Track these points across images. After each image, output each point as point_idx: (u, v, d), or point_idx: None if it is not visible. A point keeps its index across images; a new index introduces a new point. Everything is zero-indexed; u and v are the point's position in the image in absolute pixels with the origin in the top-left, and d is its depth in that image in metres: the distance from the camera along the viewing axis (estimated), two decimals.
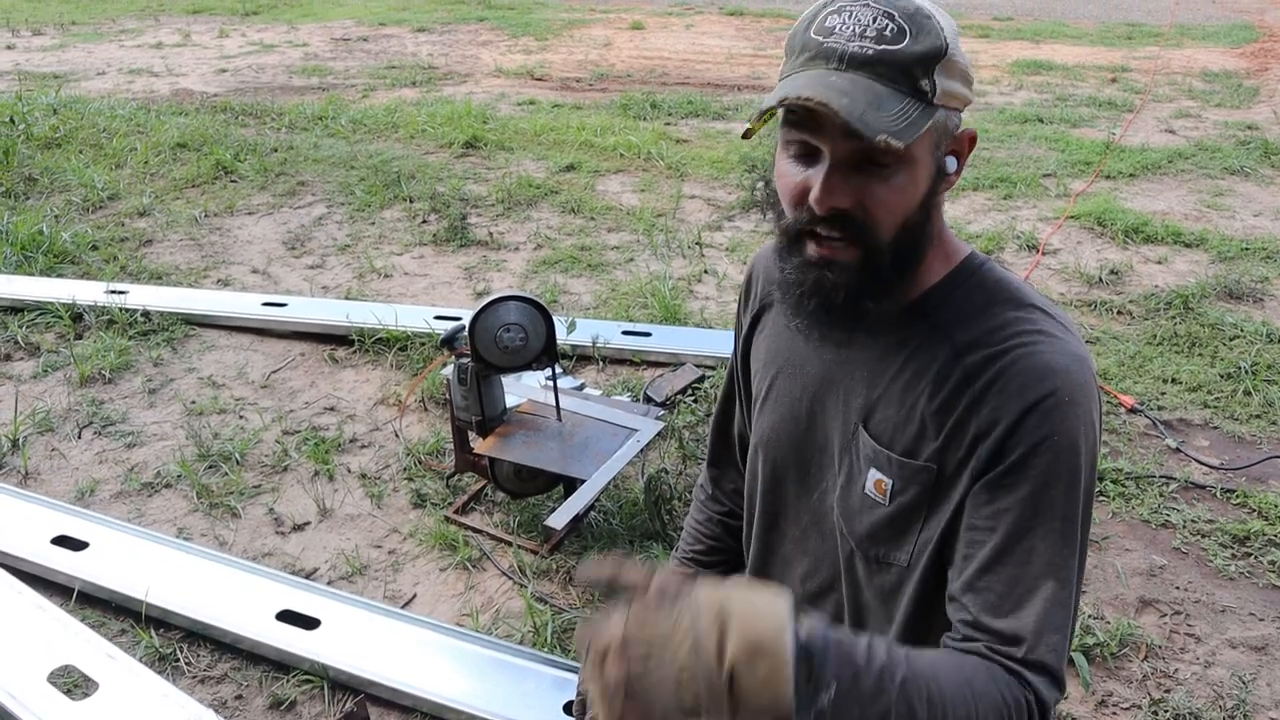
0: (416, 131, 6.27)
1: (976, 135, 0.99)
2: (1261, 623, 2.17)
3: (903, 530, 1.00)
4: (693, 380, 3.12)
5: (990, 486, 0.92)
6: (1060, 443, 0.90)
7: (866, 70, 0.86)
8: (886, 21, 0.87)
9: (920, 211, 0.93)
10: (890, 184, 0.89)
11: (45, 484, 2.66)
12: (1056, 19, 11.69)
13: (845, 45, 0.87)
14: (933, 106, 0.88)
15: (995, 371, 0.93)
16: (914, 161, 0.90)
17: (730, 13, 12.49)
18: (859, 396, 1.03)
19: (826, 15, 0.90)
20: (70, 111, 6.54)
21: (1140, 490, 2.62)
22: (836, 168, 0.89)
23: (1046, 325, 0.95)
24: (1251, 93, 7.58)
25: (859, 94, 0.85)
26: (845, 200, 0.89)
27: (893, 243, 0.92)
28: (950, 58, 0.89)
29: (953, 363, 0.96)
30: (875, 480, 1.01)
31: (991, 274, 1.00)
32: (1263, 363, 3.25)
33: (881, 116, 0.84)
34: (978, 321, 0.96)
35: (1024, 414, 0.90)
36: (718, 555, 1.37)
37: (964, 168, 0.98)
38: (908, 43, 0.87)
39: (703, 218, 4.81)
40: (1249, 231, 4.56)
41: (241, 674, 2.01)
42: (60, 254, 4.16)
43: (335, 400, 3.10)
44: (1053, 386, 0.91)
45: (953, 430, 0.95)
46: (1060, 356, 0.92)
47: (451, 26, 11.29)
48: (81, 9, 12.69)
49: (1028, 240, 4.42)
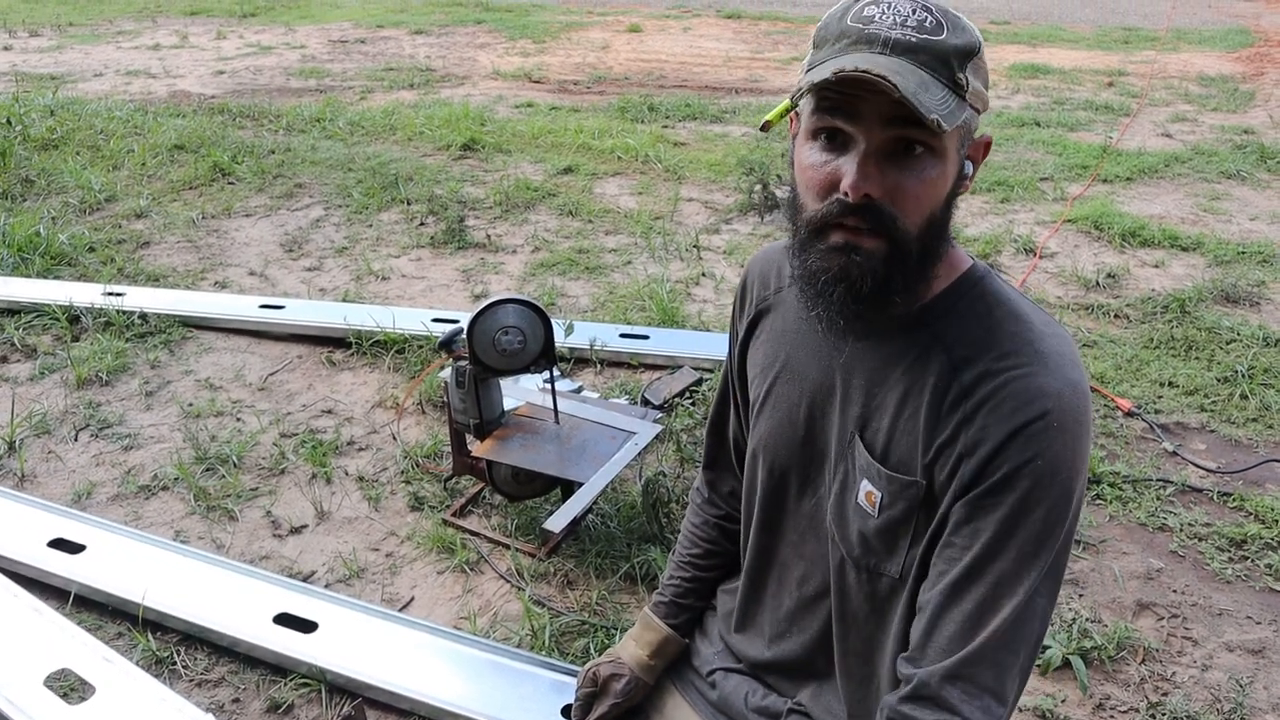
0: (414, 134, 6.27)
1: (991, 142, 0.99)
2: (1258, 626, 2.17)
3: (892, 543, 1.00)
4: (691, 383, 3.12)
5: (970, 505, 0.92)
6: (1043, 467, 0.89)
7: (910, 56, 0.86)
8: (925, 14, 0.88)
9: (944, 208, 0.93)
10: (921, 176, 0.89)
11: (42, 486, 2.66)
12: (1053, 23, 11.72)
13: (888, 32, 0.87)
14: (964, 101, 0.88)
15: (988, 390, 0.92)
16: (944, 156, 0.90)
17: (728, 15, 12.51)
18: (856, 405, 1.02)
19: (863, 6, 0.90)
20: (67, 113, 6.53)
21: (1138, 493, 2.62)
22: (870, 155, 0.88)
23: (1045, 346, 0.94)
24: (1247, 97, 7.60)
25: (909, 75, 0.84)
26: (878, 189, 0.88)
27: (919, 237, 0.91)
28: (980, 57, 0.90)
29: (949, 377, 0.95)
30: (866, 492, 1.00)
31: (992, 287, 1.00)
32: (1259, 366, 3.26)
33: (931, 98, 0.84)
34: (977, 336, 0.96)
35: (1011, 435, 0.90)
36: (714, 559, 1.37)
37: (976, 174, 0.98)
38: (947, 34, 0.87)
39: (700, 220, 4.81)
40: (1245, 235, 4.58)
41: (239, 677, 2.01)
42: (57, 256, 4.16)
43: (333, 403, 3.09)
44: (1043, 409, 0.90)
45: (942, 446, 0.94)
46: (1054, 381, 0.91)
47: (449, 29, 11.29)
48: (79, 10, 12.68)
49: (1025, 244, 4.43)
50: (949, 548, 0.94)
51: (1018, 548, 0.90)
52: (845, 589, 1.07)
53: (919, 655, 0.94)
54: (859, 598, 1.05)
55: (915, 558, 0.98)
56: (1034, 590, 0.90)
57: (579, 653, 2.05)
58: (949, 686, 0.90)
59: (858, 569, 1.04)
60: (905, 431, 0.98)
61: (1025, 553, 0.90)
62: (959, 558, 0.92)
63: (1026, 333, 0.95)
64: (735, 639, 1.25)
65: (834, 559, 1.08)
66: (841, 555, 1.06)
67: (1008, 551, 0.90)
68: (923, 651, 0.93)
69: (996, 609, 0.90)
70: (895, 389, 0.99)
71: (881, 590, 1.03)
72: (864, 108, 0.86)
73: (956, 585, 0.92)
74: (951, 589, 0.92)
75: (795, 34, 11.08)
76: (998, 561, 0.90)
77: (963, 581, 0.91)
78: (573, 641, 2.09)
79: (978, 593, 0.91)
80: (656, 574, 2.25)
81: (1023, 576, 0.90)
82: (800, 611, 1.14)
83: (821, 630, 1.12)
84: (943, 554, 0.94)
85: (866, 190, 0.88)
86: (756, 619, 1.22)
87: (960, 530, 0.93)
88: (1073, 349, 0.96)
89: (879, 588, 1.03)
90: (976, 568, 0.91)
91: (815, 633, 1.13)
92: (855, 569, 1.04)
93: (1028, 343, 0.94)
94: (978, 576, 0.91)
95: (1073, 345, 0.96)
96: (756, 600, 1.21)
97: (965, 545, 0.92)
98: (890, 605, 1.03)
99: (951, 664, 0.90)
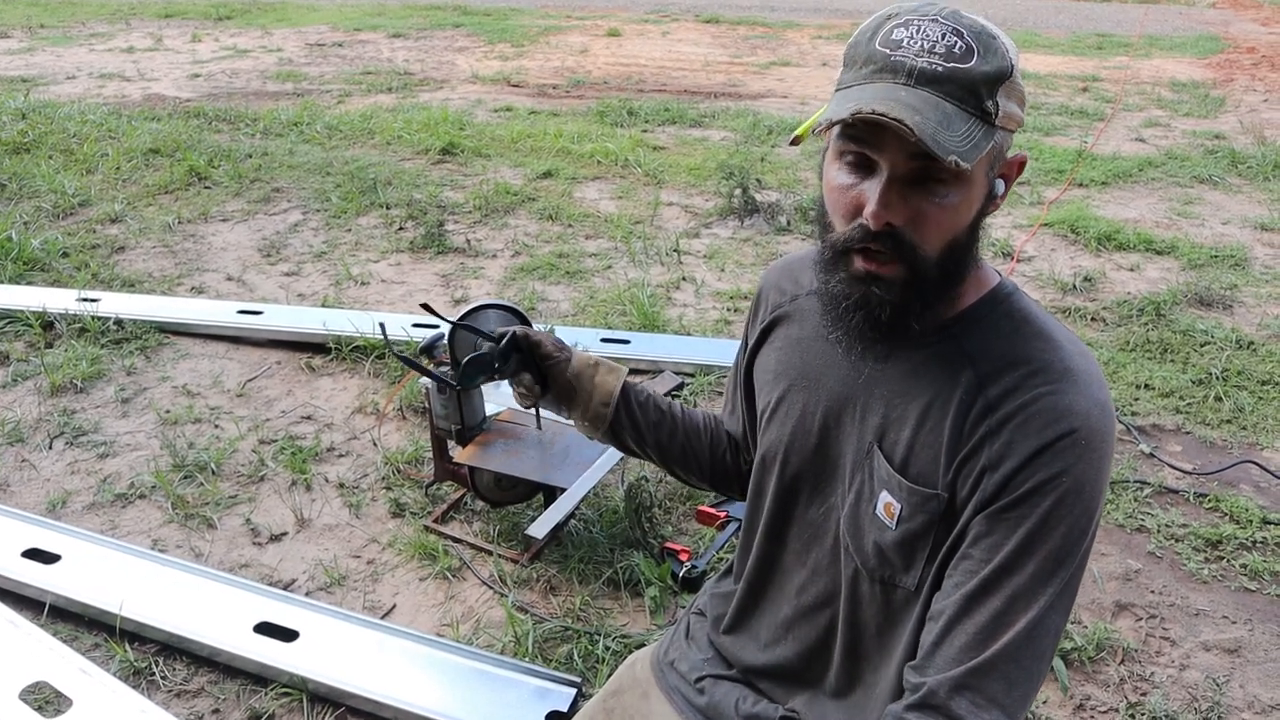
0: (393, 138, 6.24)
1: (1026, 160, 0.98)
2: (1234, 625, 2.20)
3: (910, 555, 0.99)
4: (673, 387, 3.12)
5: (991, 518, 0.92)
6: (1068, 485, 0.89)
7: (935, 88, 0.85)
8: (955, 39, 0.86)
9: (968, 233, 0.93)
10: (944, 204, 0.88)
11: (15, 496, 2.62)
12: (1028, 29, 11.85)
13: (914, 60, 0.86)
14: (994, 128, 0.87)
15: (1016, 406, 0.92)
16: (970, 182, 0.89)
17: (706, 20, 12.55)
18: (876, 415, 1.02)
19: (893, 28, 0.88)
20: (39, 116, 6.46)
21: (1115, 495, 2.65)
22: (894, 183, 0.87)
23: (1073, 364, 0.94)
24: (1218, 103, 7.71)
25: (930, 112, 0.83)
26: (899, 217, 0.88)
27: (939, 262, 0.91)
28: (1013, 80, 0.88)
29: (974, 392, 0.95)
30: (885, 503, 1.00)
31: (1019, 304, 1.00)
32: (1233, 369, 3.30)
33: (951, 136, 0.83)
34: (1004, 352, 0.95)
35: (1038, 451, 0.90)
36: (690, 432, 1.33)
37: (1009, 192, 0.97)
38: (976, 62, 0.86)
39: (680, 225, 4.82)
40: (1218, 239, 4.64)
41: (219, 687, 1.98)
42: (30, 261, 4.10)
43: (312, 409, 3.07)
44: (1071, 427, 0.90)
45: (965, 459, 0.94)
46: (1082, 400, 0.91)
47: (427, 32, 11.25)
48: (50, 12, 12.53)
49: (1002, 248, 4.47)
50: (966, 559, 0.93)
51: (1036, 563, 0.90)
52: (858, 599, 1.06)
53: (927, 664, 0.93)
54: (872, 609, 1.05)
55: (932, 571, 0.98)
56: (1049, 607, 0.90)
57: (562, 659, 2.04)
58: (957, 697, 0.89)
59: (872, 580, 1.03)
60: (927, 444, 0.97)
61: (1043, 569, 0.90)
62: (976, 570, 0.92)
63: (1054, 350, 0.95)
64: (726, 640, 1.24)
65: (847, 570, 1.07)
66: (855, 566, 1.05)
67: (1026, 566, 0.90)
68: (931, 660, 0.93)
69: (1011, 622, 0.89)
70: (918, 401, 0.98)
71: (896, 602, 1.02)
72: (886, 138, 0.86)
73: (972, 596, 0.91)
74: (966, 600, 0.92)
75: (773, 39, 11.13)
76: (1015, 576, 0.90)
77: (978, 593, 0.91)
78: (556, 648, 2.09)
79: (993, 605, 0.90)
80: (640, 579, 2.25)
81: (1039, 592, 0.90)
82: (798, 619, 1.13)
83: (819, 639, 1.12)
84: (960, 565, 0.94)
85: (888, 219, 0.88)
86: (751, 624, 1.21)
87: (979, 543, 0.92)
88: (1099, 369, 0.96)
89: (893, 599, 1.02)
90: (993, 580, 0.91)
91: (812, 641, 1.12)
92: (870, 580, 1.04)
93: (1056, 361, 0.94)
94: (994, 589, 0.90)
95: (1098, 365, 0.96)
96: (753, 605, 1.21)
97: (984, 558, 0.92)
98: (904, 616, 1.02)
99: (961, 674, 0.90)
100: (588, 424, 1.29)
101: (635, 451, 1.33)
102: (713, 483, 1.37)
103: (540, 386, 1.28)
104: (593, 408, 1.27)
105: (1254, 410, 3.08)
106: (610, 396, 1.27)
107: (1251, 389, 3.21)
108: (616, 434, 1.31)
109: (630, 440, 1.31)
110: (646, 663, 1.33)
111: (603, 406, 1.27)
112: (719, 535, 2.37)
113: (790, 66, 9.36)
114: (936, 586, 0.97)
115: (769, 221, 4.80)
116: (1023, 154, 0.97)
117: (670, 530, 2.48)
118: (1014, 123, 0.90)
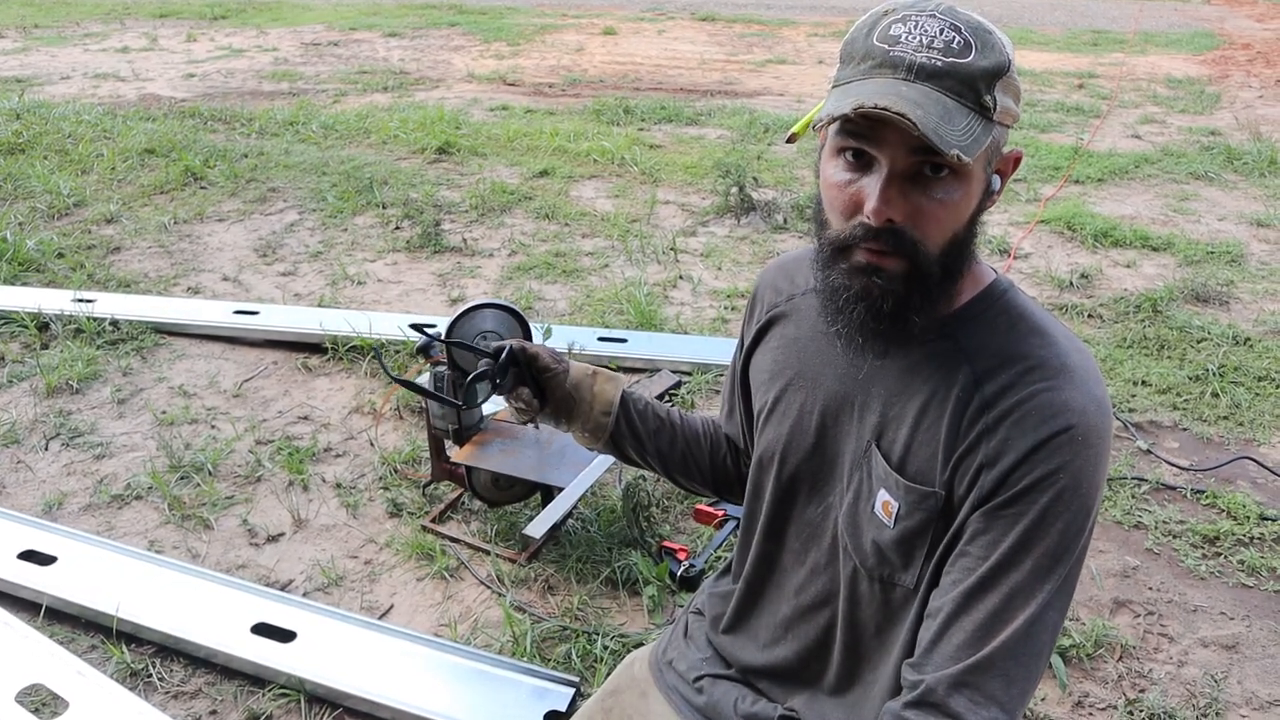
0: (389, 137, 6.23)
1: (1022, 156, 0.98)
2: (1232, 621, 2.20)
3: (908, 553, 0.99)
4: (670, 386, 3.12)
5: (988, 515, 0.92)
6: (1066, 481, 0.89)
7: (934, 82, 0.85)
8: (953, 34, 0.86)
9: (968, 228, 0.93)
10: (943, 199, 0.88)
11: (11, 497, 2.61)
12: (1024, 26, 11.85)
13: (913, 55, 0.85)
14: (992, 123, 0.87)
15: (1013, 403, 0.92)
16: (969, 177, 0.89)
17: (702, 18, 12.54)
18: (874, 413, 1.02)
19: (890, 23, 0.88)
20: (34, 116, 6.44)
21: (1113, 492, 2.65)
22: (894, 179, 0.87)
23: (1070, 361, 0.94)
24: (1213, 99, 7.72)
25: (931, 106, 0.83)
26: (900, 213, 0.88)
27: (940, 257, 0.91)
28: (1010, 75, 0.89)
29: (971, 389, 0.95)
30: (883, 502, 1.00)
31: (1016, 301, 0.99)
32: (1229, 365, 3.31)
33: (953, 130, 0.83)
34: (1001, 349, 0.95)
35: (1035, 448, 0.90)
36: (690, 439, 1.32)
37: (1005, 187, 0.97)
38: (974, 57, 0.86)
39: (677, 223, 4.82)
40: (1214, 235, 4.65)
41: (216, 689, 1.98)
42: (25, 262, 4.09)
43: (309, 409, 3.06)
44: (1068, 424, 0.90)
45: (962, 456, 0.94)
46: (1080, 396, 0.91)
47: (423, 31, 11.24)
48: (44, 12, 12.50)
49: (999, 245, 4.47)
50: (964, 556, 0.93)
51: (1034, 560, 0.89)
52: (856, 598, 1.06)
53: (925, 661, 0.93)
54: (870, 607, 1.05)
55: (930, 568, 0.98)
56: (1047, 604, 0.90)
57: (561, 658, 2.04)
58: (955, 694, 0.89)
59: (871, 579, 1.03)
60: (924, 442, 0.97)
61: (1041, 565, 0.90)
62: (974, 567, 0.92)
63: (1051, 347, 0.94)
64: (724, 640, 1.24)
65: (845, 569, 1.06)
66: (854, 565, 1.04)
67: (1024, 563, 0.89)
68: (929, 657, 0.93)
69: (1009, 619, 0.89)
70: (915, 399, 0.98)
71: (895, 600, 1.02)
72: (886, 133, 0.86)
73: (970, 593, 0.91)
74: (964, 597, 0.91)
75: (769, 37, 11.13)
76: (1013, 572, 0.90)
77: (976, 590, 0.91)
78: (554, 647, 2.09)
79: (991, 602, 0.90)
80: (638, 578, 2.25)
81: (1037, 589, 0.89)
82: (797, 619, 1.13)
83: (818, 638, 1.12)
84: (957, 562, 0.94)
85: (889, 215, 0.87)
86: (750, 624, 1.21)
87: (977, 540, 0.92)
88: (1095, 365, 0.96)
89: (892, 597, 1.02)
90: (991, 577, 0.90)
91: (811, 640, 1.12)
92: (868, 579, 1.03)
93: (1052, 357, 0.93)
94: (992, 586, 0.90)
95: (1095, 361, 0.96)
96: (752, 605, 1.21)
97: (981, 555, 0.91)
98: (902, 615, 1.02)
99: (959, 671, 0.90)
100: (588, 434, 1.28)
101: (636, 461, 1.32)
102: (715, 488, 1.37)
103: (539, 400, 1.27)
104: (593, 418, 1.26)
105: (1250, 406, 3.08)
106: (610, 405, 1.27)
107: (1248, 385, 3.21)
108: (617, 444, 1.30)
109: (631, 449, 1.30)
110: (645, 662, 1.33)
111: (603, 415, 1.26)
112: (717, 534, 2.37)
113: (786, 64, 9.36)
114: (935, 584, 0.97)
115: (765, 219, 4.80)
116: (1018, 150, 0.97)
117: (668, 529, 2.48)
118: (1011, 118, 0.91)
